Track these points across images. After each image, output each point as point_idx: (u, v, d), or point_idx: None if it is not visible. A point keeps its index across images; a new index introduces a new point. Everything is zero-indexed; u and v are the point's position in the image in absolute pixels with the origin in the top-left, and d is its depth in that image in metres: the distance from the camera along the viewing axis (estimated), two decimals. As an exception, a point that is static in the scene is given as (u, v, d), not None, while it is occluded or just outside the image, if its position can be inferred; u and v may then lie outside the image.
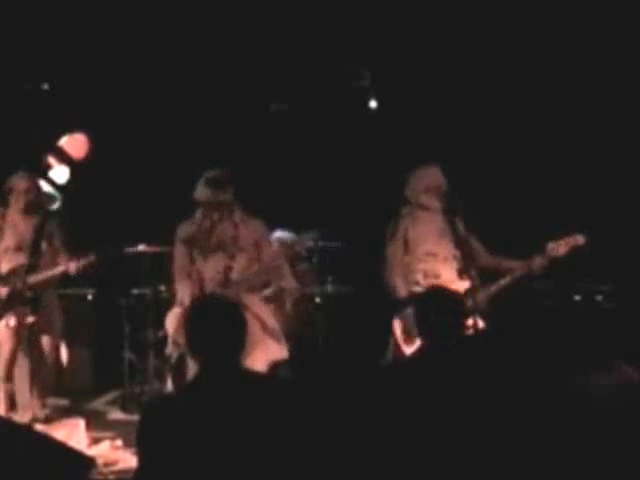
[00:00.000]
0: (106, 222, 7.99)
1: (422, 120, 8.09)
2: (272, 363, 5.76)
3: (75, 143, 7.80)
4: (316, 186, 8.21)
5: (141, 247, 7.32)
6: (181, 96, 8.31)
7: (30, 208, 6.47)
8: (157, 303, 7.33)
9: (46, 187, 7.10)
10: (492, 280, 6.00)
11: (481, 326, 5.64)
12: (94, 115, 8.00)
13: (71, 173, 7.44)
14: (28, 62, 8.04)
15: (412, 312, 5.77)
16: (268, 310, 6.04)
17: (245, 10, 7.87)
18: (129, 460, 5.35)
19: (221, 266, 5.96)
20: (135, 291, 7.62)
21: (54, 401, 6.87)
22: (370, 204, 7.68)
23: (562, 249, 5.89)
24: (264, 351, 5.72)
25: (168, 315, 6.05)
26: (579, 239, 5.90)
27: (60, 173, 7.44)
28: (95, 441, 5.83)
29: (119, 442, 5.81)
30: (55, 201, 7.06)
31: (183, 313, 5.61)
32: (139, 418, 3.25)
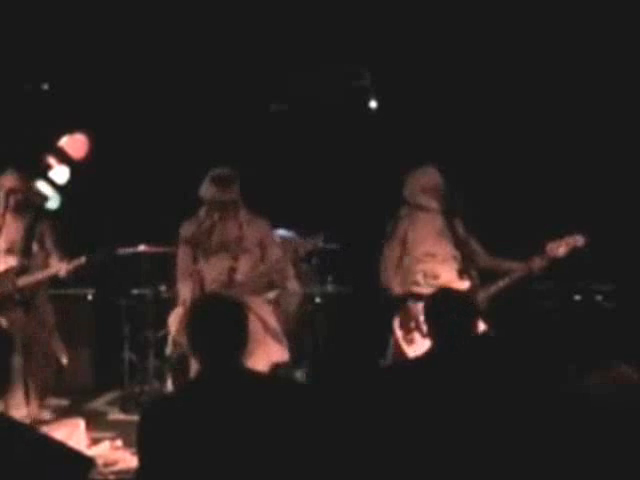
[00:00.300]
0: (106, 222, 7.99)
1: (422, 120, 8.09)
2: (273, 364, 5.75)
3: (75, 143, 7.78)
4: (316, 186, 8.22)
5: (141, 247, 7.33)
6: (181, 96, 8.31)
7: (20, 208, 6.41)
8: (157, 303, 7.35)
9: (46, 187, 7.09)
10: (492, 281, 6.00)
11: (481, 327, 5.63)
12: (94, 115, 7.99)
13: (71, 173, 7.42)
14: (28, 62, 8.05)
15: (410, 308, 5.86)
16: (270, 311, 6.01)
17: (245, 10, 7.86)
18: (129, 460, 5.36)
19: (224, 267, 5.91)
20: (135, 291, 7.63)
21: (54, 401, 6.87)
22: (370, 204, 7.68)
23: (562, 250, 5.88)
24: (266, 352, 5.70)
25: (171, 315, 6.04)
26: (579, 240, 5.89)
27: (60, 173, 7.42)
28: (95, 441, 5.83)
29: (119, 442, 5.82)
30: (49, 200, 7.04)
31: (185, 313, 5.61)
32: (139, 418, 3.25)
